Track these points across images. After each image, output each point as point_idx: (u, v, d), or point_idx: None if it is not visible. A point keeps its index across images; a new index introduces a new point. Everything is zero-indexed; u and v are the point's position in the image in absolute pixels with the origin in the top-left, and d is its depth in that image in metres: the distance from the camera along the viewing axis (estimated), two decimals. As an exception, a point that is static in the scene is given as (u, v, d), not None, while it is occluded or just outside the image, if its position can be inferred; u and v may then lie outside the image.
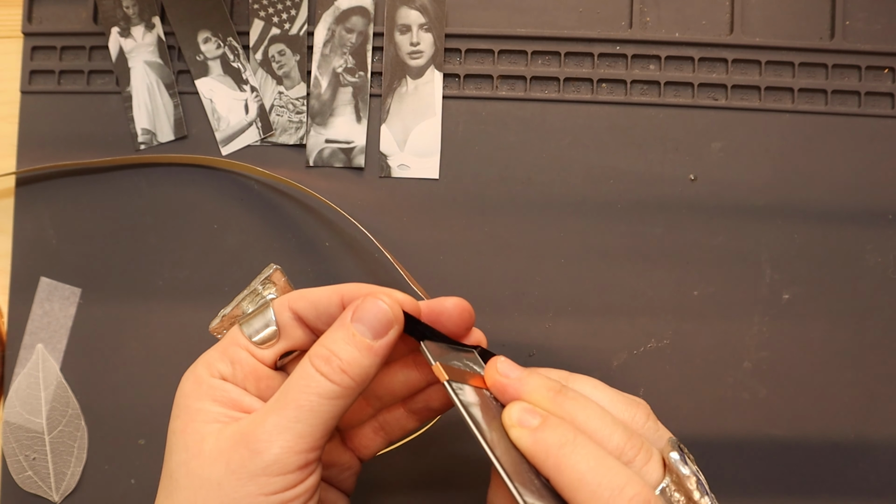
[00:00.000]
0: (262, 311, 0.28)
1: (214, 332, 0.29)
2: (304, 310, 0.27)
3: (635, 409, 0.27)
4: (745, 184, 0.38)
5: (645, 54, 0.38)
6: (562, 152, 0.38)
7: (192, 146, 0.39)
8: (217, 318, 0.29)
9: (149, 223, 0.38)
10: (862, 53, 0.38)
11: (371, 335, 0.25)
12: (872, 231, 0.38)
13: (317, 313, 0.27)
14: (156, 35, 0.39)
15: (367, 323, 0.25)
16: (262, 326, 0.27)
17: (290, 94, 0.38)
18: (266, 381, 0.27)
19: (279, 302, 0.28)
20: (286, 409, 0.24)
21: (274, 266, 0.29)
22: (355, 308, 0.26)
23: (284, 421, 0.24)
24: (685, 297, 0.37)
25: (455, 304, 0.28)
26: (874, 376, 0.37)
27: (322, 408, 0.25)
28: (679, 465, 0.25)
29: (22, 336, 0.38)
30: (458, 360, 0.27)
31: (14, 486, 0.37)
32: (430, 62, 0.38)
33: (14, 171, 0.39)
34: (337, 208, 0.37)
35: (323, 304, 0.27)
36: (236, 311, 0.29)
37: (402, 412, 0.31)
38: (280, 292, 0.29)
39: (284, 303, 0.28)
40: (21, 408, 0.38)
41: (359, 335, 0.25)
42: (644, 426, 0.26)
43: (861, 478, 0.37)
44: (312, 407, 0.24)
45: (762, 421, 0.37)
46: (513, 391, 0.26)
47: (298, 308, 0.27)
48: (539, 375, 0.27)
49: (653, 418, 0.27)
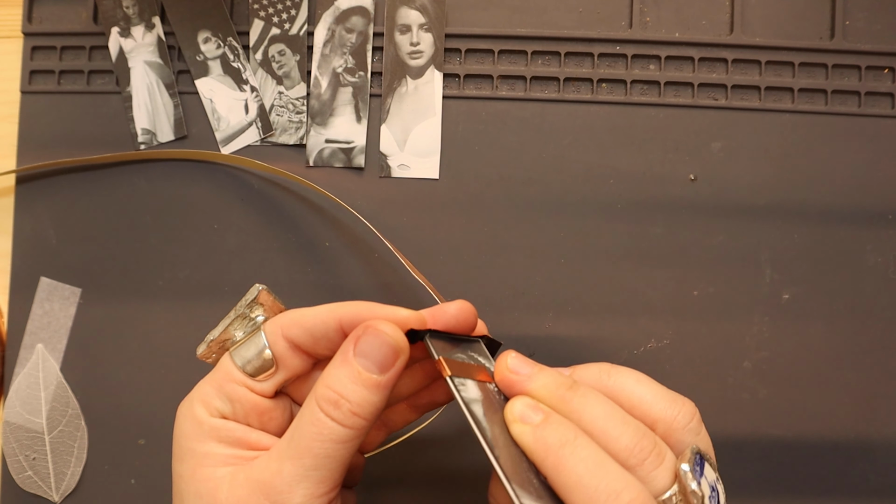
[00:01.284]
0: (254, 338, 0.26)
1: (203, 358, 0.28)
2: (300, 337, 0.26)
3: (679, 407, 0.25)
4: (745, 184, 0.38)
5: (645, 54, 0.38)
6: (562, 152, 0.38)
7: (191, 146, 0.39)
8: (204, 343, 0.27)
9: (149, 223, 0.38)
10: (862, 53, 0.38)
11: (378, 370, 0.24)
12: (872, 231, 0.38)
13: (313, 340, 0.26)
14: (156, 35, 0.39)
15: (371, 358, 0.24)
16: (254, 355, 0.26)
17: (290, 94, 0.38)
18: (269, 414, 0.27)
19: (271, 329, 0.26)
20: (302, 457, 0.24)
21: (259, 287, 0.27)
22: (356, 340, 0.25)
23: (302, 470, 0.24)
24: (685, 297, 0.37)
25: (458, 308, 0.27)
26: (874, 376, 0.37)
27: (338, 452, 0.24)
28: (687, 478, 0.23)
29: (22, 336, 0.38)
30: (463, 353, 0.27)
31: (14, 486, 0.37)
32: (430, 62, 0.38)
33: (14, 169, 0.39)
34: (345, 205, 0.37)
35: (319, 330, 0.26)
36: (224, 336, 0.27)
37: (403, 406, 0.30)
38: (269, 313, 0.27)
39: (277, 331, 0.26)
40: (21, 408, 0.38)
41: (365, 372, 0.24)
42: (685, 427, 0.25)
43: (861, 478, 0.37)
44: (328, 454, 0.24)
45: (762, 421, 0.37)
46: (519, 387, 0.25)
47: (293, 336, 0.26)
48: (549, 372, 0.26)
49: (697, 419, 0.26)
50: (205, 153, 0.38)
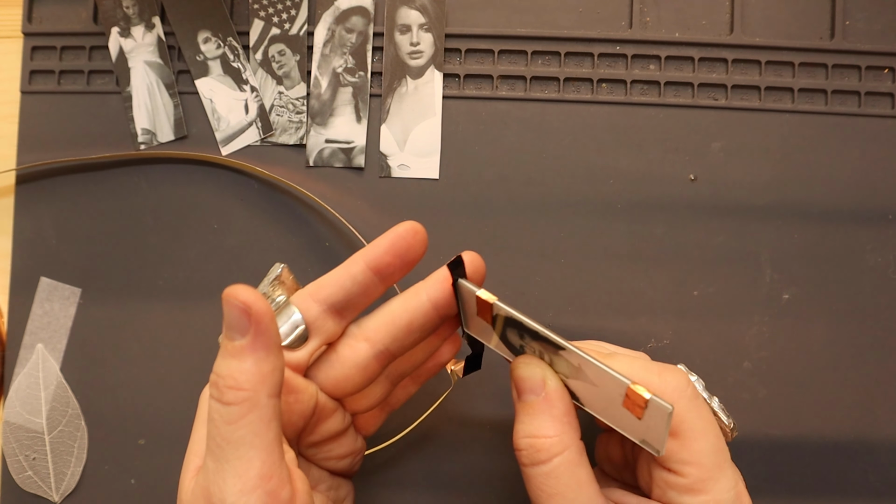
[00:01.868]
0: (283, 311, 0.26)
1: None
2: (335, 295, 0.26)
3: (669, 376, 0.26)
4: (745, 184, 0.38)
5: (645, 54, 0.38)
6: (562, 152, 0.38)
7: (192, 146, 0.39)
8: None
9: (149, 223, 0.38)
10: (862, 53, 0.38)
11: (239, 334, 0.23)
12: (872, 231, 0.38)
13: (346, 292, 0.26)
14: (156, 35, 0.39)
15: (229, 325, 0.23)
16: (289, 330, 0.26)
17: (290, 94, 0.38)
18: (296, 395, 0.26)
19: (300, 298, 0.26)
20: (213, 451, 0.23)
21: (281, 265, 0.28)
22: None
23: (217, 463, 0.22)
24: (685, 297, 0.37)
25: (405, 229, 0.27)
26: (874, 376, 0.37)
27: (238, 435, 0.22)
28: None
29: (22, 336, 0.38)
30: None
31: (14, 486, 0.37)
32: (430, 62, 0.38)
33: (14, 167, 0.39)
34: (332, 211, 0.37)
35: (347, 281, 0.26)
36: None
37: (406, 381, 0.30)
38: (289, 293, 0.27)
39: (306, 297, 0.26)
40: (21, 408, 0.38)
41: (228, 342, 0.23)
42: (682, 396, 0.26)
43: (861, 478, 0.37)
44: (231, 439, 0.22)
45: (762, 421, 0.37)
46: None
47: (326, 296, 0.26)
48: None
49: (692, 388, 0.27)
50: (204, 155, 0.38)
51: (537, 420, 0.25)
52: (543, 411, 0.25)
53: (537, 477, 0.25)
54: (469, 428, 0.37)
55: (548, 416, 0.25)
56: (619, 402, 0.24)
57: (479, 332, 0.28)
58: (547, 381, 0.26)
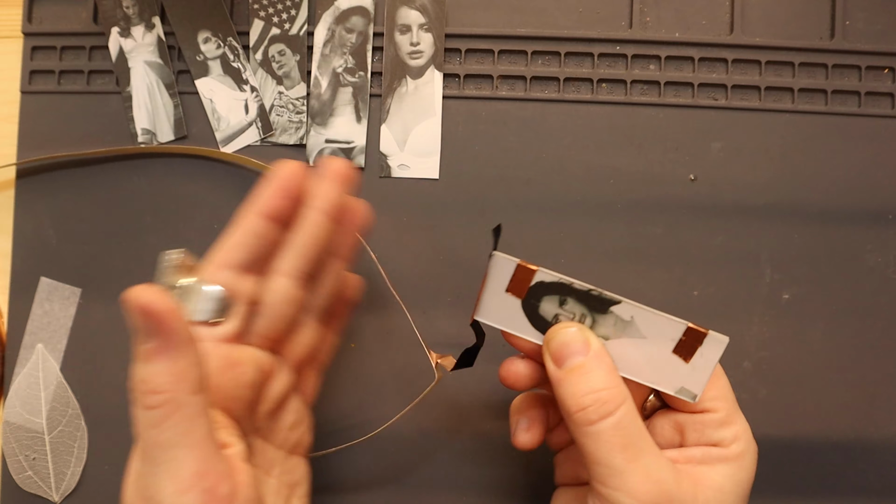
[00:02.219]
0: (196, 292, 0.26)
1: None
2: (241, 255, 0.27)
3: None
4: (745, 184, 0.38)
5: (645, 54, 0.38)
6: (562, 152, 0.38)
7: (191, 146, 0.39)
8: None
9: (149, 223, 0.38)
10: (862, 53, 0.38)
11: (147, 338, 0.22)
12: (872, 231, 0.38)
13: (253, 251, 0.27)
14: (156, 35, 0.39)
15: (136, 330, 0.22)
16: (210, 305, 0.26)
17: (290, 94, 0.38)
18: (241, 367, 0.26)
19: (208, 272, 0.26)
20: (143, 455, 0.23)
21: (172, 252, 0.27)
22: None
23: (149, 467, 0.22)
24: (685, 297, 0.37)
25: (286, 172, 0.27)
26: (874, 376, 0.37)
27: (164, 436, 0.22)
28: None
29: (22, 336, 0.38)
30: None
31: (14, 486, 0.37)
32: (430, 62, 0.38)
33: (14, 162, 0.39)
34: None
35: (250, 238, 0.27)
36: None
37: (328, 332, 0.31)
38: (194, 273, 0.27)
39: (214, 268, 0.26)
40: (21, 408, 0.38)
41: (138, 346, 0.22)
42: None
43: (861, 478, 0.37)
44: (159, 442, 0.22)
45: (762, 421, 0.37)
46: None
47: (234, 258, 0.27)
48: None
49: None
50: (203, 149, 0.38)
51: (594, 376, 0.26)
52: (597, 367, 0.27)
53: (606, 432, 0.26)
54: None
55: (604, 370, 0.27)
56: (669, 350, 0.26)
57: (495, 313, 0.28)
58: (591, 341, 0.27)
